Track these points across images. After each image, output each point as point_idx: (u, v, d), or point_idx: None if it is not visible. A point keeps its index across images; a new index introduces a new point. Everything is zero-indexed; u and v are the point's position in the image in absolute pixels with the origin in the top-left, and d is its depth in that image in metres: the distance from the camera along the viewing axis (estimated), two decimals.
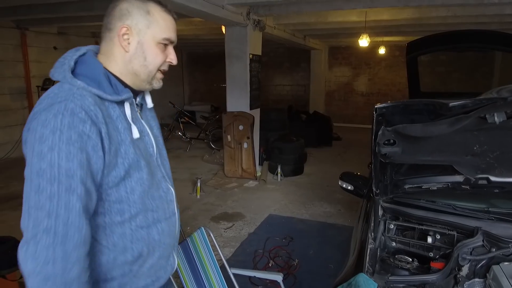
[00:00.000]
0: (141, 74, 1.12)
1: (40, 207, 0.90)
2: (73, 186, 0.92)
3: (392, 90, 11.93)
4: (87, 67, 1.06)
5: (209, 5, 4.70)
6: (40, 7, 5.68)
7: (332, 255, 3.55)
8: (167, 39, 1.12)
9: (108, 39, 1.10)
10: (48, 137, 0.91)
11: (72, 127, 0.93)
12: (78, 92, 0.98)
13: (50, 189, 0.91)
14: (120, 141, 1.04)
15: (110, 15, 1.09)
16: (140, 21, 1.08)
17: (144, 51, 1.10)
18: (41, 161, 0.91)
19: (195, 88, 14.40)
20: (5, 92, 7.40)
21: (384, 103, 1.50)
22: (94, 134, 0.96)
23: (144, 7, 1.08)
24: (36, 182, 0.91)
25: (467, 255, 1.58)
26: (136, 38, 1.09)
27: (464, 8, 5.85)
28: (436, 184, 2.06)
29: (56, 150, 0.91)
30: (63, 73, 1.02)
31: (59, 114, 0.93)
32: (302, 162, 6.80)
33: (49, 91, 1.02)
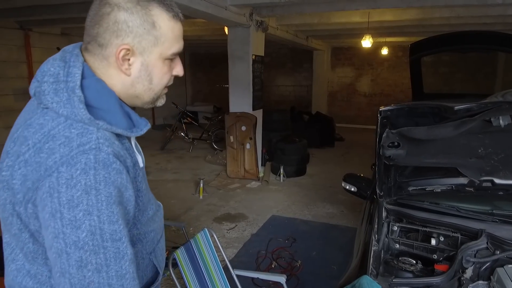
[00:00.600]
0: (145, 97, 0.93)
1: (87, 285, 0.74)
2: (121, 249, 0.78)
3: (395, 90, 11.91)
4: (97, 94, 0.83)
5: (212, 6, 4.71)
6: (43, 8, 5.71)
7: (335, 257, 3.55)
8: (175, 54, 0.91)
9: (101, 57, 0.85)
10: (81, 200, 0.74)
11: (110, 182, 0.76)
12: (102, 136, 0.79)
13: (96, 260, 0.75)
14: (135, 177, 0.89)
15: (98, 24, 0.83)
16: (144, 38, 0.84)
17: (150, 73, 0.89)
18: (77, 230, 0.73)
19: (198, 89, 14.43)
20: (8, 93, 7.43)
21: (389, 106, 1.50)
22: (130, 184, 0.82)
23: (148, 17, 0.84)
24: (76, 256, 0.74)
25: (471, 258, 1.58)
26: (140, 59, 0.86)
27: (468, 9, 5.84)
28: (440, 186, 2.06)
29: (95, 213, 0.74)
30: (69, 108, 0.78)
31: (89, 169, 0.75)
32: (304, 163, 6.80)
33: (53, 133, 0.78)
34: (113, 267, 0.76)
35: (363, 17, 6.69)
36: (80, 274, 0.74)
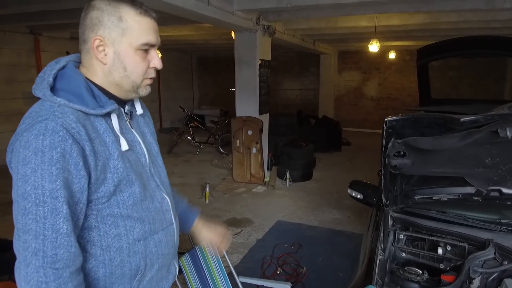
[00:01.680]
0: (124, 85, 1.06)
1: (28, 230, 0.90)
2: (58, 207, 0.91)
3: (403, 94, 11.85)
4: (67, 81, 1.01)
5: (219, 11, 4.73)
6: (53, 13, 5.78)
7: (341, 263, 3.53)
8: (146, 44, 1.04)
9: (85, 51, 1.04)
10: (30, 159, 0.90)
11: (54, 147, 0.90)
12: (59, 110, 0.94)
13: (36, 211, 0.90)
14: (108, 156, 1.00)
15: (82, 25, 1.03)
16: (113, 29, 1.00)
17: (123, 61, 1.03)
18: (25, 183, 0.90)
19: (205, 92, 14.49)
20: (18, 96, 7.54)
21: (394, 116, 1.49)
22: (75, 153, 0.93)
23: (116, 13, 1.00)
24: (22, 205, 0.91)
25: (479, 268, 1.56)
26: (112, 49, 1.02)
27: (476, 13, 5.80)
28: (447, 195, 2.03)
29: (39, 171, 0.90)
30: (43, 91, 0.98)
31: (40, 134, 0.90)
32: (311, 168, 6.78)
33: (31, 110, 0.99)
34: (49, 220, 0.91)
35: (370, 22, 6.68)
36: (23, 221, 0.91)
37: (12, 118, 7.35)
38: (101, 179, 0.99)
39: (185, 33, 7.83)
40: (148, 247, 1.11)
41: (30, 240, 0.90)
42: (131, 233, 1.07)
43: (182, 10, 4.17)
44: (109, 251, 1.04)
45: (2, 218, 4.65)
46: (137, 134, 1.14)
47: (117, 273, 1.06)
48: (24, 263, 0.91)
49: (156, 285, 1.19)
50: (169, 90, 11.98)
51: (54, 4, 4.75)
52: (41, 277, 0.90)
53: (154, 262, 1.14)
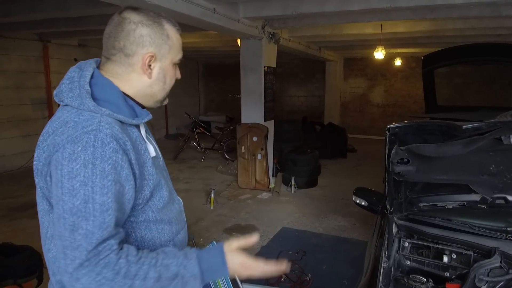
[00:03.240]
0: (159, 95, 1.11)
1: (77, 247, 0.86)
2: (107, 220, 0.89)
3: (409, 101, 11.81)
4: (103, 90, 1.00)
5: (225, 19, 4.78)
6: (62, 21, 5.88)
7: (345, 271, 3.50)
8: (180, 60, 1.12)
9: (126, 64, 1.03)
10: (79, 171, 0.87)
11: (106, 159, 0.88)
12: (104, 120, 0.93)
13: (86, 226, 0.86)
14: (143, 164, 1.01)
15: (124, 38, 1.01)
16: (163, 47, 1.05)
17: (165, 75, 1.09)
18: (73, 198, 0.86)
19: (211, 99, 14.55)
20: (26, 102, 7.63)
21: (397, 123, 1.49)
22: (126, 163, 0.93)
23: (164, 31, 1.05)
24: (70, 221, 0.87)
25: (484, 276, 1.54)
26: (158, 64, 1.06)
27: (482, 20, 5.78)
28: (452, 202, 2.02)
29: (89, 184, 0.87)
30: (79, 99, 0.95)
31: (89, 146, 0.88)
32: (316, 174, 6.76)
33: (66, 120, 0.94)
34: (97, 234, 0.87)
35: (375, 29, 6.69)
36: (71, 237, 0.86)
37: (20, 124, 7.44)
38: (140, 187, 1.00)
39: (191, 40, 7.91)
40: (176, 247, 1.14)
41: (79, 255, 0.85)
42: (162, 235, 1.10)
43: (188, 18, 4.22)
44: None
45: (8, 223, 4.69)
46: (152, 140, 1.18)
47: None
48: (73, 280, 0.86)
49: None
50: (176, 97, 12.04)
51: (62, 11, 4.82)
52: (95, 277, 0.86)
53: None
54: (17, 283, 2.44)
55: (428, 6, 4.43)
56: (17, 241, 2.84)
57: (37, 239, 0.93)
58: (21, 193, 5.80)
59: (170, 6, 3.74)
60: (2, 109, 7.21)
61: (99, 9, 4.55)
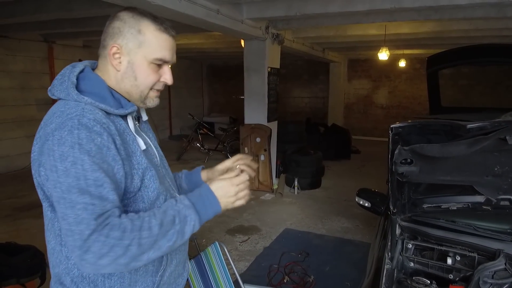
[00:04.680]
0: (133, 93, 1.11)
1: (80, 221, 0.89)
2: (103, 193, 0.92)
3: (413, 103, 11.75)
4: (90, 83, 1.06)
5: (229, 20, 4.78)
6: (67, 22, 5.91)
7: (349, 273, 3.48)
8: (160, 59, 1.09)
9: (103, 56, 1.10)
10: (68, 153, 0.91)
11: (90, 140, 0.93)
12: (87, 108, 0.98)
13: (83, 199, 0.90)
14: (131, 153, 1.04)
15: (105, 32, 1.09)
16: (130, 40, 1.06)
17: (135, 71, 1.08)
18: (67, 177, 0.91)
19: (215, 100, 14.57)
20: (31, 103, 7.68)
21: (401, 123, 1.48)
22: (112, 144, 0.97)
23: (136, 25, 1.06)
24: (68, 199, 0.90)
25: (489, 279, 1.53)
26: (127, 58, 1.07)
27: (487, 21, 5.75)
28: (456, 204, 2.00)
29: (79, 163, 0.91)
30: (66, 91, 1.02)
31: (74, 129, 0.93)
32: (319, 176, 6.74)
33: (54, 110, 1.01)
34: (98, 205, 0.91)
35: (379, 30, 6.67)
36: (73, 213, 0.89)
37: (25, 124, 7.49)
38: (129, 175, 1.03)
39: (195, 42, 7.92)
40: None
41: (84, 229, 0.88)
42: None
43: (192, 19, 4.23)
44: None
45: (12, 223, 4.71)
46: (146, 137, 1.19)
47: (141, 270, 1.10)
48: (88, 248, 0.88)
49: (174, 281, 1.22)
50: (179, 98, 12.07)
51: (67, 12, 4.85)
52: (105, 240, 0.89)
53: (173, 257, 1.18)
54: (20, 282, 2.45)
55: (433, 7, 4.40)
56: (21, 241, 2.84)
57: (40, 239, 0.94)
58: (25, 193, 5.82)
59: (174, 6, 3.75)
60: (7, 109, 7.25)
61: (104, 10, 4.57)
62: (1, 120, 7.14)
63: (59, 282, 1.08)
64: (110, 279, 1.05)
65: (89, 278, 1.04)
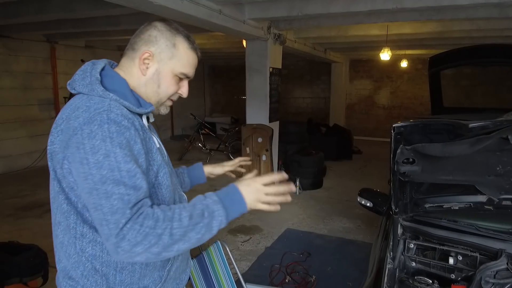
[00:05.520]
0: (152, 98, 1.16)
1: (116, 211, 0.92)
2: (137, 183, 0.96)
3: (415, 103, 11.74)
4: (112, 81, 1.09)
5: (231, 20, 4.79)
6: (69, 22, 5.93)
7: (350, 273, 3.48)
8: (184, 74, 1.17)
9: (130, 58, 1.14)
10: (100, 146, 0.94)
11: (121, 133, 0.96)
12: (113, 103, 1.01)
13: (118, 190, 0.93)
14: (149, 149, 1.08)
15: (138, 36, 1.14)
16: (164, 51, 1.13)
17: (159, 80, 1.14)
18: (100, 169, 0.93)
19: (216, 100, 14.59)
20: (34, 103, 7.70)
21: (403, 122, 1.48)
22: (138, 139, 1.01)
23: (172, 39, 1.13)
24: (102, 190, 0.93)
25: (491, 279, 1.53)
26: (156, 66, 1.13)
27: (489, 21, 5.74)
28: (458, 203, 2.00)
29: (112, 155, 0.94)
30: (89, 86, 1.04)
31: (103, 123, 0.96)
32: (321, 176, 6.74)
33: (78, 105, 1.03)
34: (133, 195, 0.94)
35: (381, 30, 6.67)
36: (109, 204, 0.92)
37: (27, 124, 7.51)
38: (146, 169, 1.06)
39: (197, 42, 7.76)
40: None
41: (120, 218, 0.92)
42: None
43: (195, 19, 4.24)
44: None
45: (14, 223, 4.73)
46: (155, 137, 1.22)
47: (151, 264, 1.12)
48: (124, 236, 0.91)
49: (179, 276, 1.25)
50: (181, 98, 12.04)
51: (69, 13, 4.87)
52: (140, 229, 0.92)
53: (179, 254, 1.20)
54: (23, 281, 2.45)
55: (435, 7, 4.41)
56: (23, 240, 2.85)
57: (42, 238, 0.94)
58: (28, 193, 5.84)
59: (176, 7, 3.76)
60: (10, 109, 7.27)
61: (106, 10, 4.59)
62: (4, 120, 7.17)
63: (68, 276, 1.09)
64: (121, 273, 1.07)
65: (102, 271, 1.06)
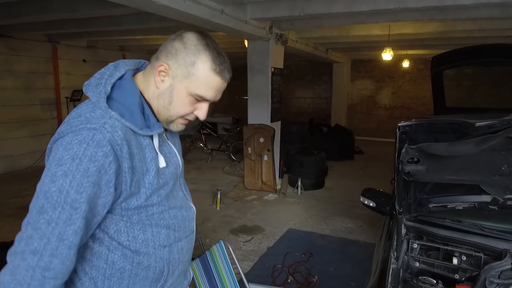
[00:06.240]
0: (161, 114, 1.08)
1: (36, 228, 0.90)
2: (73, 218, 0.91)
3: (417, 103, 11.73)
4: (124, 94, 1.02)
5: (233, 20, 4.79)
6: (71, 22, 5.94)
7: (353, 273, 3.48)
8: (200, 96, 1.07)
9: (152, 66, 1.07)
10: (66, 162, 0.90)
11: (93, 160, 0.90)
12: (110, 123, 0.95)
13: (52, 213, 0.89)
14: (144, 172, 1.02)
15: (164, 45, 1.06)
16: (181, 67, 1.03)
17: (172, 96, 1.06)
18: (51, 183, 0.90)
19: (218, 100, 14.57)
20: (36, 103, 7.71)
21: (408, 121, 1.48)
22: (111, 170, 0.94)
23: (194, 56, 1.02)
24: (40, 202, 0.90)
25: (495, 279, 1.53)
26: (170, 81, 1.05)
27: (491, 22, 5.73)
28: (462, 203, 1.99)
29: (69, 177, 0.89)
30: (97, 96, 0.99)
31: (84, 142, 0.91)
32: (323, 176, 6.73)
33: (80, 111, 0.99)
34: (59, 227, 0.90)
35: (383, 30, 6.66)
36: (36, 218, 0.90)
37: (29, 124, 7.52)
38: (134, 193, 1.01)
39: None
40: (172, 253, 1.13)
41: (35, 238, 0.90)
42: (157, 238, 1.08)
43: (197, 19, 4.24)
44: (138, 254, 1.06)
45: (16, 222, 4.73)
46: (172, 146, 1.17)
47: (141, 275, 1.09)
48: (20, 255, 0.90)
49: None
50: None
51: (71, 13, 4.87)
52: (27, 277, 0.89)
53: (175, 268, 1.16)
54: None
55: (437, 7, 4.39)
56: None
57: None
58: (29, 193, 5.78)
59: (178, 6, 3.76)
60: (12, 109, 7.28)
61: (108, 10, 4.59)
62: (6, 120, 7.17)
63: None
64: (109, 279, 1.04)
65: (91, 275, 1.03)
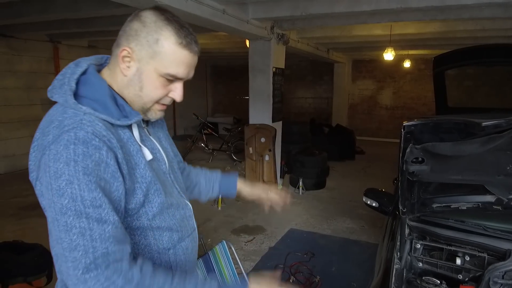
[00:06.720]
0: (135, 103, 1.01)
1: (75, 247, 0.81)
2: (103, 215, 0.85)
3: (418, 104, 11.71)
4: (91, 88, 0.95)
5: (234, 20, 4.78)
6: (72, 22, 5.94)
7: (355, 273, 3.47)
8: (171, 75, 0.98)
9: (115, 55, 0.99)
10: (63, 171, 0.83)
11: (88, 156, 0.84)
12: (86, 118, 0.88)
13: (79, 224, 0.82)
14: (134, 166, 0.96)
15: (122, 29, 0.98)
16: (144, 48, 0.95)
17: (142, 81, 0.98)
18: (61, 197, 0.82)
19: (219, 100, 14.58)
20: (37, 103, 7.71)
21: (413, 121, 1.47)
22: (112, 160, 0.88)
23: (155, 33, 0.94)
24: (62, 221, 0.82)
25: (499, 279, 1.52)
26: (136, 65, 0.96)
27: (493, 21, 5.72)
28: (466, 203, 1.99)
29: (75, 182, 0.83)
30: (64, 96, 0.92)
31: (70, 144, 0.84)
32: (324, 176, 6.73)
33: (51, 118, 0.91)
34: (96, 230, 0.83)
35: (385, 30, 6.65)
36: (68, 238, 0.82)
37: (30, 124, 7.52)
38: (131, 190, 0.95)
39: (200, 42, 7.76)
40: (178, 255, 1.09)
41: (80, 257, 0.81)
42: (160, 242, 1.04)
43: (199, 18, 4.23)
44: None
45: (18, 222, 4.73)
46: (155, 141, 1.11)
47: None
48: (79, 283, 0.82)
49: None
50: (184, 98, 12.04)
51: (73, 12, 4.86)
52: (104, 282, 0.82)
53: (183, 270, 1.11)
54: (27, 280, 2.45)
55: (439, 6, 4.38)
56: (27, 240, 2.85)
57: (46, 238, 0.90)
58: (31, 192, 5.81)
59: (180, 6, 3.75)
60: (13, 109, 7.29)
61: (109, 10, 4.58)
62: (7, 120, 7.18)
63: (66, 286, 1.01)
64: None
65: None
